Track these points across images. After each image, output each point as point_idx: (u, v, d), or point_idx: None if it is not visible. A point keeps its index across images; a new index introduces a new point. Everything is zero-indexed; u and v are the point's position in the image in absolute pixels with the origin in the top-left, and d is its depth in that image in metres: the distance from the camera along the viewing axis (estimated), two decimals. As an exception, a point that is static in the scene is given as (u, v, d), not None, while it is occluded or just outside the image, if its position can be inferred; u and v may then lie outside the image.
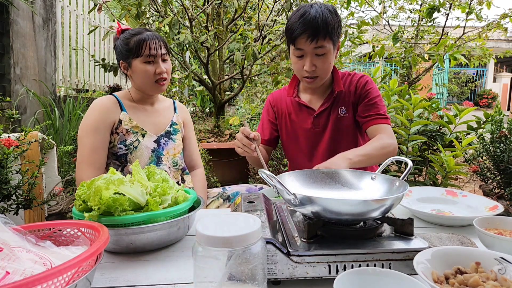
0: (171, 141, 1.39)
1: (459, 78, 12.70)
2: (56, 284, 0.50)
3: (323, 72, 1.26)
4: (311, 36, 1.17)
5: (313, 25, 1.16)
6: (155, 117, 1.39)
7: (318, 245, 0.66)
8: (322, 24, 1.15)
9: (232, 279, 0.48)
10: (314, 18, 1.15)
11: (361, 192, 0.86)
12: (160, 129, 1.38)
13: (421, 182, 2.10)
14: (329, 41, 1.19)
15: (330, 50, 1.22)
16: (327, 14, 1.16)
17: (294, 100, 1.42)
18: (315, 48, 1.19)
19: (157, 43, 1.28)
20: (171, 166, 1.38)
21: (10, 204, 1.12)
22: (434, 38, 4.44)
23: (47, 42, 3.48)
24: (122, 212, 0.76)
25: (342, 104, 1.37)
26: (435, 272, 0.58)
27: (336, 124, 1.36)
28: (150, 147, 1.32)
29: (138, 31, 1.30)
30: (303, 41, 1.19)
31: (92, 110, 1.28)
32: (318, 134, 1.39)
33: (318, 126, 1.38)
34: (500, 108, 2.05)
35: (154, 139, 1.34)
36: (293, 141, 1.45)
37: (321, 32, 1.16)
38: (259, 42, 3.06)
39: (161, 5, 2.93)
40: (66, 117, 3.00)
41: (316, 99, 1.41)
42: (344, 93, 1.37)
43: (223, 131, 3.74)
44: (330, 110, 1.37)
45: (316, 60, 1.22)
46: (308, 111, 1.40)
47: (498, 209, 0.95)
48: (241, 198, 0.85)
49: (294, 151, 1.46)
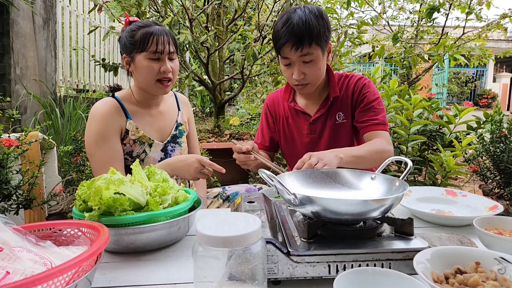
0: (177, 146, 1.34)
1: (459, 78, 12.70)
2: (56, 284, 0.50)
3: (313, 78, 1.22)
4: (295, 44, 1.12)
5: (296, 33, 1.10)
6: (161, 122, 1.31)
7: (318, 245, 0.66)
8: (305, 31, 1.10)
9: (232, 279, 0.48)
10: (297, 26, 1.10)
11: (361, 192, 0.86)
12: (166, 135, 1.32)
13: (421, 182, 2.10)
14: (315, 47, 1.14)
15: (318, 55, 1.17)
16: (310, 19, 1.11)
17: (290, 105, 1.39)
18: (302, 56, 1.15)
19: (165, 39, 1.17)
20: None
21: (10, 204, 1.12)
22: (434, 38, 4.44)
23: (47, 42, 3.48)
24: (122, 212, 0.76)
25: (340, 110, 1.32)
26: (435, 272, 0.58)
27: (334, 130, 1.33)
28: (157, 158, 1.27)
29: (146, 24, 1.19)
30: (288, 50, 1.14)
31: (95, 118, 1.17)
32: (315, 140, 1.35)
33: (314, 132, 1.35)
34: (500, 108, 2.05)
35: (161, 147, 1.28)
36: (290, 146, 1.43)
37: (306, 39, 1.11)
38: (259, 42, 3.06)
39: (161, 6, 2.93)
40: (66, 117, 3.00)
41: (312, 104, 1.37)
42: (341, 98, 1.32)
43: (223, 131, 3.74)
44: (326, 116, 1.33)
45: (304, 67, 1.18)
46: (304, 116, 1.37)
47: (498, 209, 0.95)
48: (241, 198, 0.85)
49: (291, 155, 1.44)
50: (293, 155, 1.43)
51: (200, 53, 3.19)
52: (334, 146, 1.31)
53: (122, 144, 1.21)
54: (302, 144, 1.39)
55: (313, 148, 1.35)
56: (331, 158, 1.01)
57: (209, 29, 3.11)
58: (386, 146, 1.20)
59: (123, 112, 1.22)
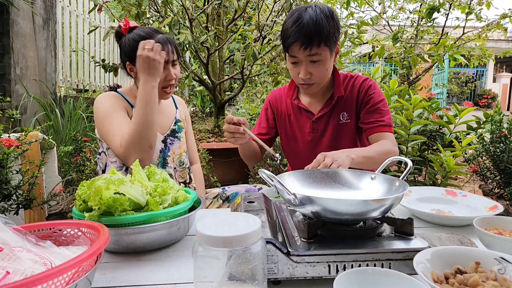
0: (176, 140, 1.36)
1: (459, 78, 12.70)
2: (56, 284, 0.50)
3: (319, 79, 1.21)
4: (304, 44, 1.11)
5: (306, 32, 1.10)
6: (160, 117, 1.33)
7: (318, 245, 0.66)
8: (315, 31, 1.10)
9: (232, 279, 0.48)
10: (307, 25, 1.09)
11: (361, 192, 0.86)
12: (165, 128, 1.35)
13: (421, 182, 2.10)
14: (324, 48, 1.14)
15: (326, 56, 1.16)
16: (321, 20, 1.10)
17: (294, 103, 1.39)
18: (309, 56, 1.15)
19: (169, 49, 1.20)
20: (177, 166, 1.35)
21: (10, 204, 1.12)
22: (434, 38, 4.44)
23: (47, 42, 3.49)
24: (122, 212, 0.76)
25: (344, 110, 1.32)
26: (435, 272, 0.58)
27: (337, 130, 1.32)
28: (159, 147, 1.29)
29: (149, 34, 1.20)
30: (296, 49, 1.14)
31: (100, 102, 1.21)
32: (317, 138, 1.35)
33: (316, 130, 1.34)
34: (500, 108, 2.05)
35: (162, 139, 1.31)
36: (292, 143, 1.43)
37: (315, 39, 1.10)
38: (259, 42, 3.06)
39: (161, 5, 2.93)
40: (66, 117, 3.00)
41: (316, 102, 1.37)
42: (346, 98, 1.32)
43: (223, 131, 3.73)
44: (330, 115, 1.33)
45: (311, 67, 1.18)
46: (307, 114, 1.36)
47: (497, 209, 0.95)
48: (241, 198, 0.85)
49: (292, 153, 1.44)
50: (294, 153, 1.43)
51: (200, 53, 3.19)
52: (336, 146, 1.31)
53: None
54: (304, 143, 1.38)
55: (315, 147, 1.35)
56: (343, 158, 1.02)
57: (209, 29, 3.12)
58: (393, 148, 1.21)
59: (127, 102, 1.27)
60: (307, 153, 1.37)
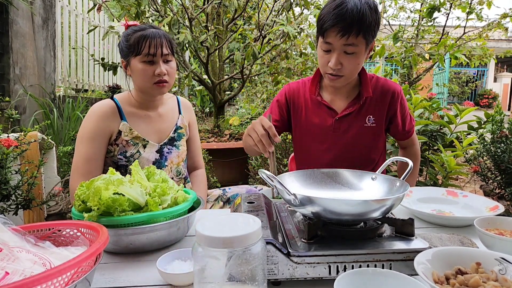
0: (175, 149, 1.32)
1: (459, 78, 12.69)
2: (56, 285, 0.50)
3: (349, 72, 1.15)
4: (342, 30, 1.05)
5: (347, 18, 1.04)
6: (159, 124, 1.31)
7: (318, 245, 0.66)
8: (357, 19, 1.04)
9: (232, 279, 0.48)
10: (350, 11, 1.03)
11: (362, 192, 0.86)
12: (163, 137, 1.31)
13: (422, 182, 2.10)
14: (361, 39, 1.08)
15: (362, 49, 1.11)
16: (365, 9, 1.04)
17: (316, 98, 1.30)
18: (345, 45, 1.08)
19: (158, 42, 1.17)
20: (174, 176, 1.33)
21: (9, 204, 1.12)
22: (435, 38, 4.44)
23: (47, 42, 3.48)
24: (121, 212, 0.76)
25: (372, 113, 1.26)
26: (435, 273, 0.58)
27: (360, 132, 1.26)
28: (151, 159, 1.26)
29: (141, 28, 1.20)
30: (333, 35, 1.07)
31: (90, 118, 1.21)
32: (336, 137, 1.28)
33: (338, 130, 1.27)
34: (501, 108, 2.05)
35: (157, 148, 1.28)
36: (306, 139, 1.35)
37: (355, 28, 1.05)
38: (259, 42, 3.05)
39: (161, 5, 2.93)
40: (65, 117, 2.99)
41: (340, 99, 1.29)
42: (375, 101, 1.26)
43: (223, 131, 3.73)
44: (356, 116, 1.26)
45: (344, 58, 1.11)
46: (328, 112, 1.28)
47: (498, 209, 0.95)
48: (241, 199, 0.85)
49: (305, 149, 1.37)
50: (307, 150, 1.36)
51: (200, 53, 3.19)
52: (355, 147, 1.28)
53: (114, 144, 1.23)
54: (320, 140, 1.31)
55: (333, 145, 1.29)
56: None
57: (209, 28, 3.11)
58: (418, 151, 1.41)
59: (118, 114, 1.24)
60: (321, 151, 1.31)
